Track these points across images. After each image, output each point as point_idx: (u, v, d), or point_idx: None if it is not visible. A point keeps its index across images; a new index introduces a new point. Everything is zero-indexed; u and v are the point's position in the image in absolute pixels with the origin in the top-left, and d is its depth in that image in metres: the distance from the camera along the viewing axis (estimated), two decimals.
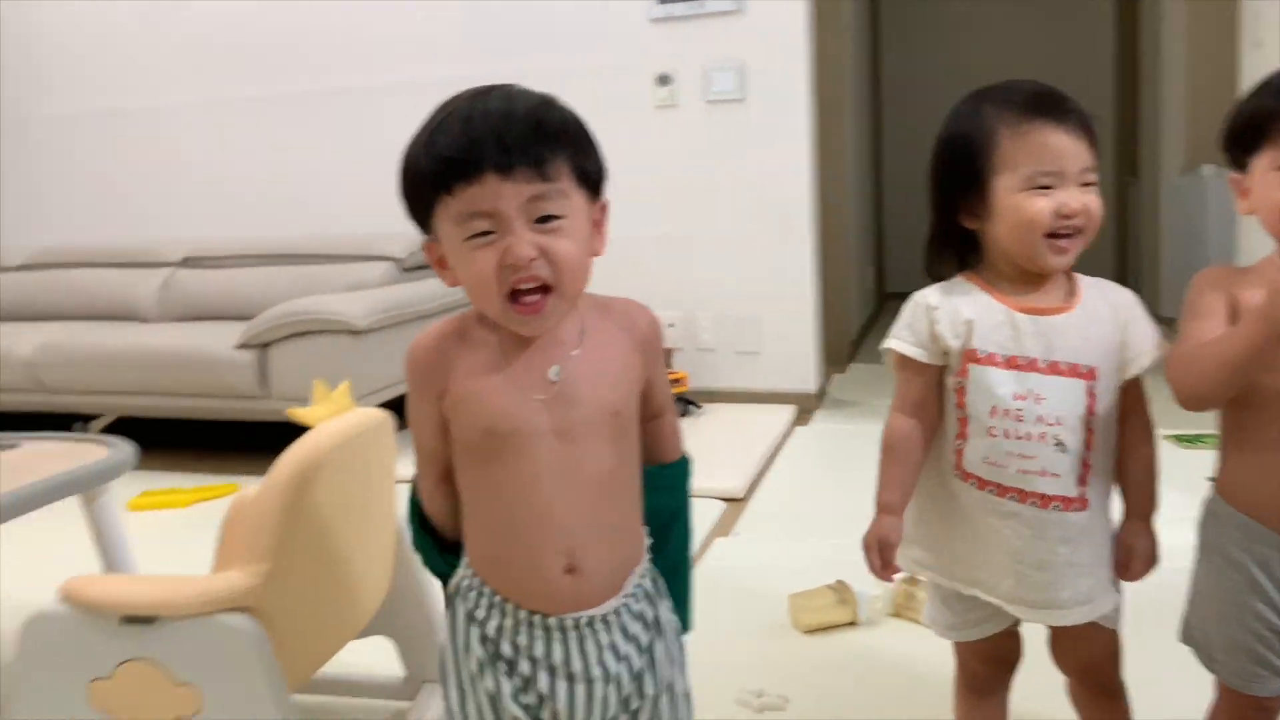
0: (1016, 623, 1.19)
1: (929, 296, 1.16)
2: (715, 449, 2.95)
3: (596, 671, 0.94)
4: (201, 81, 4.13)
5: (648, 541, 1.02)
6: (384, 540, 1.44)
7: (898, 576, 1.21)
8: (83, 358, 3.24)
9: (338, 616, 1.33)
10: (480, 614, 0.96)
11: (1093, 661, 1.18)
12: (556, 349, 0.95)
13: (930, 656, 1.67)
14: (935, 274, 1.19)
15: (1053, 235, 1.08)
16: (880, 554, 1.16)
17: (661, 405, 1.05)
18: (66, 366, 3.26)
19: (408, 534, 1.06)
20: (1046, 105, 1.08)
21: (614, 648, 0.95)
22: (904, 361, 1.16)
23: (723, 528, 2.33)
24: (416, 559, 1.06)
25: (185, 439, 3.50)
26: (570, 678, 0.94)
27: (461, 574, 0.99)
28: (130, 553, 1.77)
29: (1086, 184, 1.09)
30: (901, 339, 1.16)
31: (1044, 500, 1.09)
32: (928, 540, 1.20)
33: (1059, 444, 1.08)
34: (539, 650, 0.94)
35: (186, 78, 4.14)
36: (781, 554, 2.15)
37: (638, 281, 3.61)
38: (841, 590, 1.81)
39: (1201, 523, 1.13)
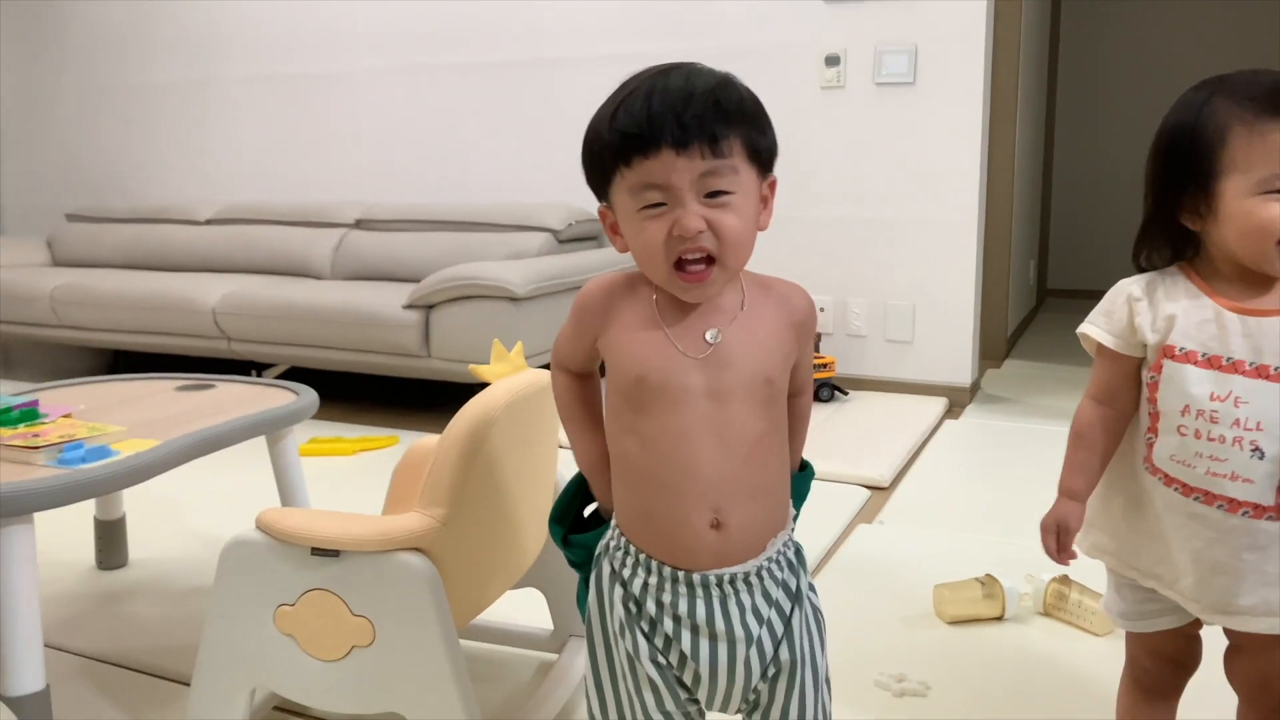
0: (1197, 625, 1.16)
1: (1132, 286, 1.12)
2: (861, 436, 2.94)
3: (740, 632, 0.97)
4: (380, 50, 4.31)
5: (793, 513, 1.04)
6: (543, 496, 1.50)
7: (1073, 562, 1.19)
8: (262, 310, 3.46)
9: (501, 565, 1.40)
10: (626, 572, 0.99)
11: (1267, 679, 1.13)
12: (716, 315, 1.00)
13: (1077, 658, 1.63)
14: (1142, 267, 1.15)
15: None
16: (1059, 537, 1.15)
17: (801, 384, 1.09)
18: (247, 317, 3.48)
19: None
20: None
21: (756, 610, 0.97)
22: (1099, 348, 1.14)
23: (867, 515, 2.32)
24: None
25: (350, 391, 3.69)
26: (713, 637, 0.97)
27: (610, 535, 1.03)
28: (306, 492, 1.89)
29: None
30: (1096, 324, 1.14)
31: (1232, 505, 1.06)
32: (1110, 527, 1.18)
33: (1256, 450, 1.04)
34: (683, 608, 0.96)
35: (365, 47, 4.34)
36: (926, 544, 2.13)
37: (793, 262, 3.64)
38: (990, 584, 1.78)
39: None
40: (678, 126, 0.92)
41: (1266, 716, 1.16)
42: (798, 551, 1.03)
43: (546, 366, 1.21)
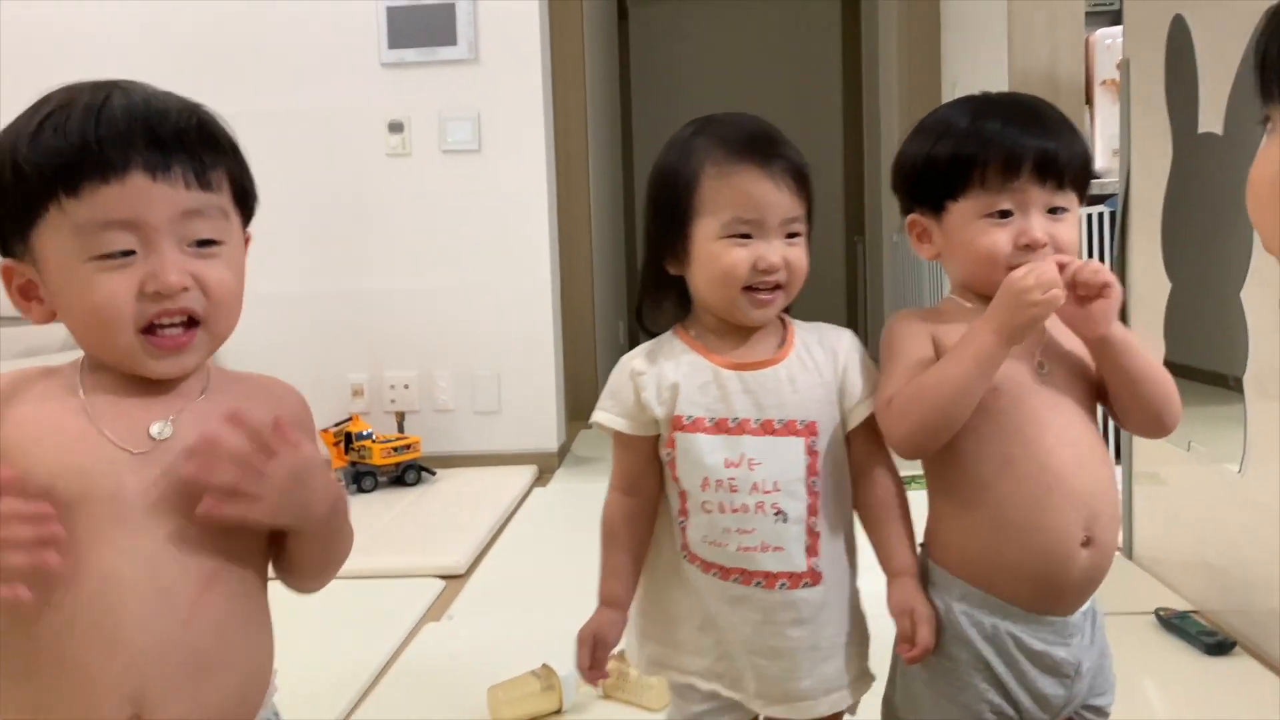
0: None
1: (635, 360, 1.04)
2: (444, 519, 2.77)
3: None
4: None
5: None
6: None
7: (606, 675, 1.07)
8: None
9: None
10: None
11: None
12: (167, 402, 0.77)
13: None
14: (646, 325, 1.08)
15: (751, 289, 0.99)
16: (593, 652, 1.03)
17: None
18: None
19: None
20: (755, 148, 0.99)
21: None
22: (616, 434, 1.04)
23: (438, 609, 2.15)
24: None
25: None
26: None
27: None
28: None
29: (791, 235, 1.00)
30: (606, 409, 1.04)
31: (769, 579, 0.98)
32: (663, 634, 1.07)
33: (779, 513, 0.98)
34: None
35: None
36: (495, 636, 1.99)
37: (368, 338, 3.43)
38: (546, 675, 1.67)
39: None
40: (153, 143, 0.71)
41: None
42: None
43: None
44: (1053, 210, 1.00)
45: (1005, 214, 0.99)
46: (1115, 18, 3.02)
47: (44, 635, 0.71)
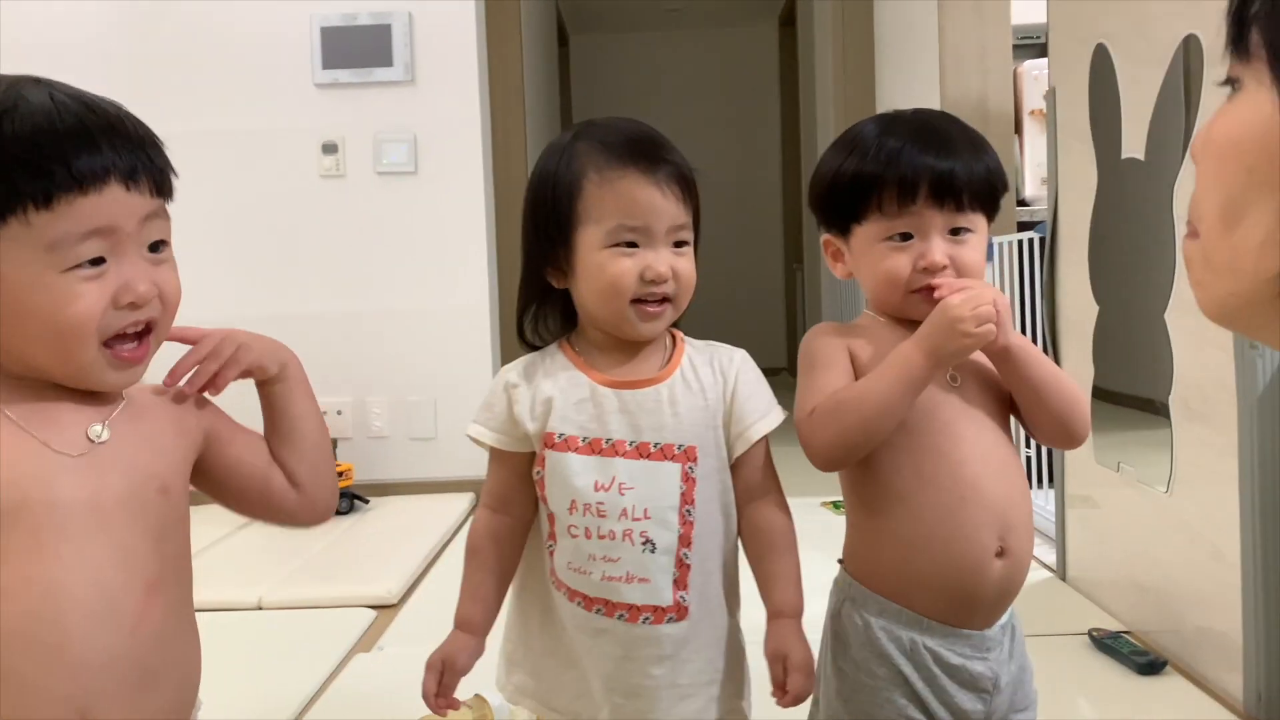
0: None
1: (510, 373, 1.01)
2: (376, 548, 2.71)
3: None
4: None
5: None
6: None
7: (460, 711, 1.04)
8: None
9: None
10: None
11: None
12: (96, 407, 0.75)
13: None
14: (528, 339, 1.05)
15: (640, 301, 0.95)
16: (440, 678, 0.97)
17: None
18: None
19: None
20: (639, 152, 0.95)
21: None
22: (490, 449, 1.00)
23: (369, 640, 2.09)
24: None
25: None
26: None
27: None
28: None
29: (679, 244, 0.97)
30: (480, 422, 1.01)
31: (633, 612, 0.94)
32: (530, 662, 1.03)
33: (647, 542, 0.93)
34: None
35: None
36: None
37: (303, 362, 3.36)
38: (479, 705, 1.62)
39: (836, 608, 1.02)
40: (124, 147, 0.69)
41: None
42: None
43: None
44: (955, 231, 0.99)
45: (905, 236, 0.98)
46: (1042, 50, 3.09)
47: None
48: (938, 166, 0.96)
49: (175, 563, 0.77)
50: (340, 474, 3.08)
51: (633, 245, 0.95)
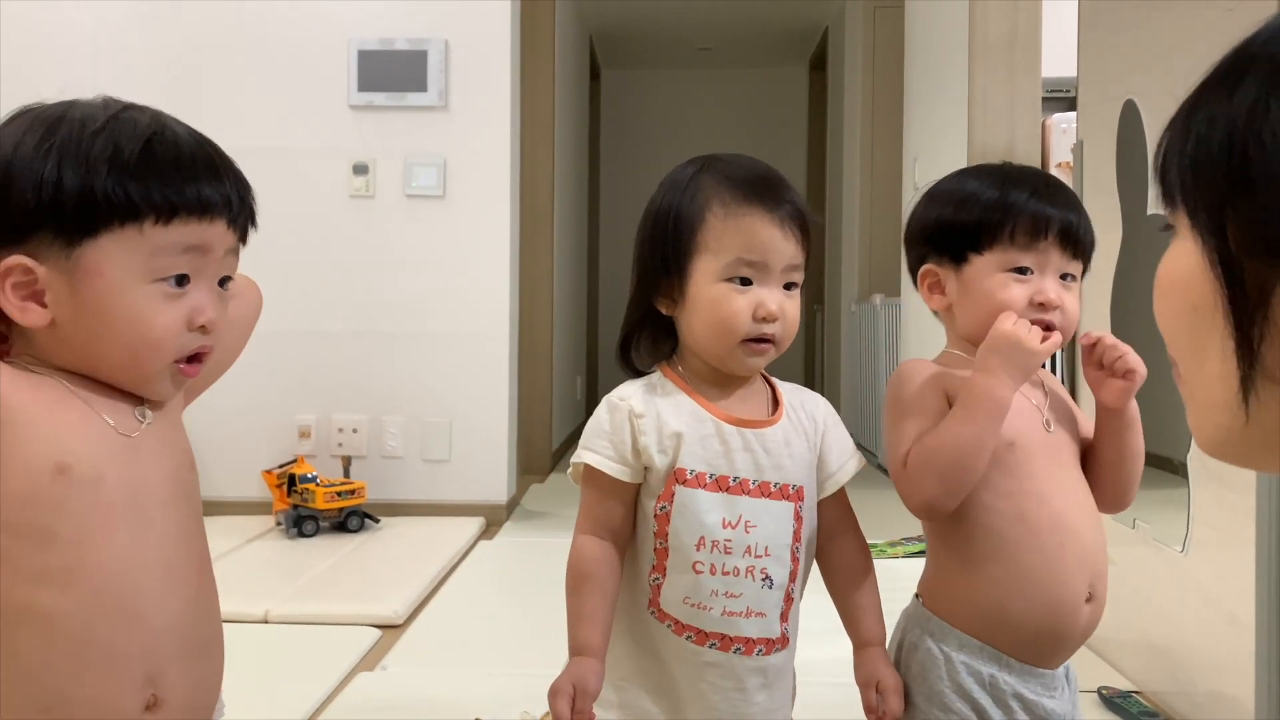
0: None
1: (632, 400, 0.99)
2: (384, 568, 2.71)
3: None
4: None
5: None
6: None
7: None
8: None
9: None
10: None
11: None
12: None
13: None
14: (629, 363, 1.05)
15: (748, 340, 0.96)
16: (575, 703, 0.93)
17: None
18: None
19: None
20: (765, 190, 0.97)
21: None
22: (597, 477, 0.98)
23: (372, 659, 2.09)
24: None
25: None
26: None
27: None
28: None
29: (789, 285, 0.98)
30: (600, 452, 0.98)
31: (748, 646, 0.95)
32: (612, 681, 1.01)
33: (766, 579, 0.95)
34: None
35: None
36: (429, 689, 1.92)
37: (316, 378, 3.38)
38: None
39: (914, 641, 1.02)
40: (236, 188, 0.76)
41: None
42: None
43: None
44: (1064, 276, 1.04)
45: (1024, 270, 1.02)
46: (1071, 103, 3.11)
47: (64, 623, 0.70)
48: (1066, 215, 1.03)
49: (207, 544, 0.83)
50: (353, 491, 3.09)
51: (747, 281, 0.96)
